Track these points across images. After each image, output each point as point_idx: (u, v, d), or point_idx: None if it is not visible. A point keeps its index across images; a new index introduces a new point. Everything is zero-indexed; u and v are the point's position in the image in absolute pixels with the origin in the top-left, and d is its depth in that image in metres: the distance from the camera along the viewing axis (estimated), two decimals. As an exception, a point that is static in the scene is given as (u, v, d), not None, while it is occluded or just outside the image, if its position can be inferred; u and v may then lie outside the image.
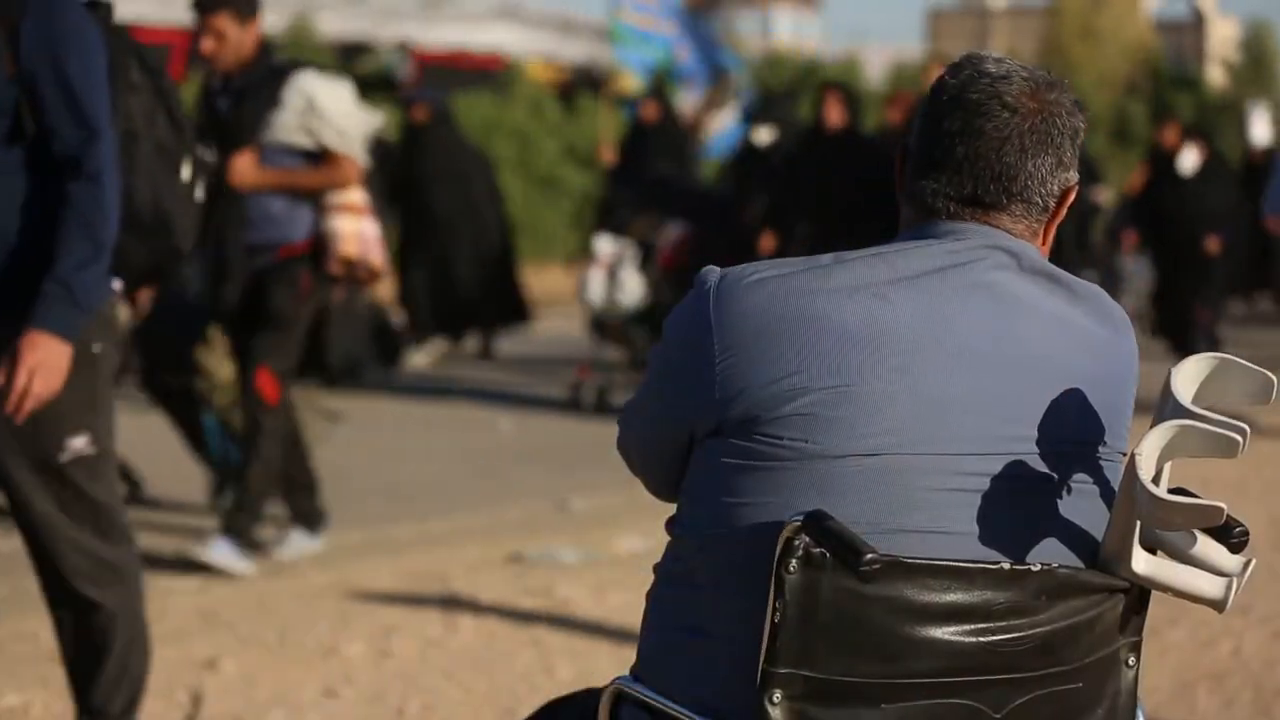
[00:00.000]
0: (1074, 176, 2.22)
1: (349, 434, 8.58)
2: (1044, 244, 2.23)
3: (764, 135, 11.72)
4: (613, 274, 9.80)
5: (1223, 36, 44.80)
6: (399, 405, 9.58)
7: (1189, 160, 12.08)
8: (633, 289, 9.80)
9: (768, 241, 9.61)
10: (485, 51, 23.00)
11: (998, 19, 48.69)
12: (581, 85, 21.19)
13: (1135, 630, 2.17)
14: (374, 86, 17.27)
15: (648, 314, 9.78)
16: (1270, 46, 36.50)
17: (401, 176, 11.85)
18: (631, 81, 12.42)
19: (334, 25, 20.59)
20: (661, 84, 13.43)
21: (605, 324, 10.04)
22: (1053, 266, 2.20)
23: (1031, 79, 2.19)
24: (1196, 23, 46.13)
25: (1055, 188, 2.20)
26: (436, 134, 12.15)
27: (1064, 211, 2.23)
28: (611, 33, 11.74)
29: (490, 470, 7.87)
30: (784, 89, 16.24)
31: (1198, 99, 28.48)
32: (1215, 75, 35.15)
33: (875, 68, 30.81)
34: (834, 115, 9.18)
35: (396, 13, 23.75)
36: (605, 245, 9.99)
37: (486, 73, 20.63)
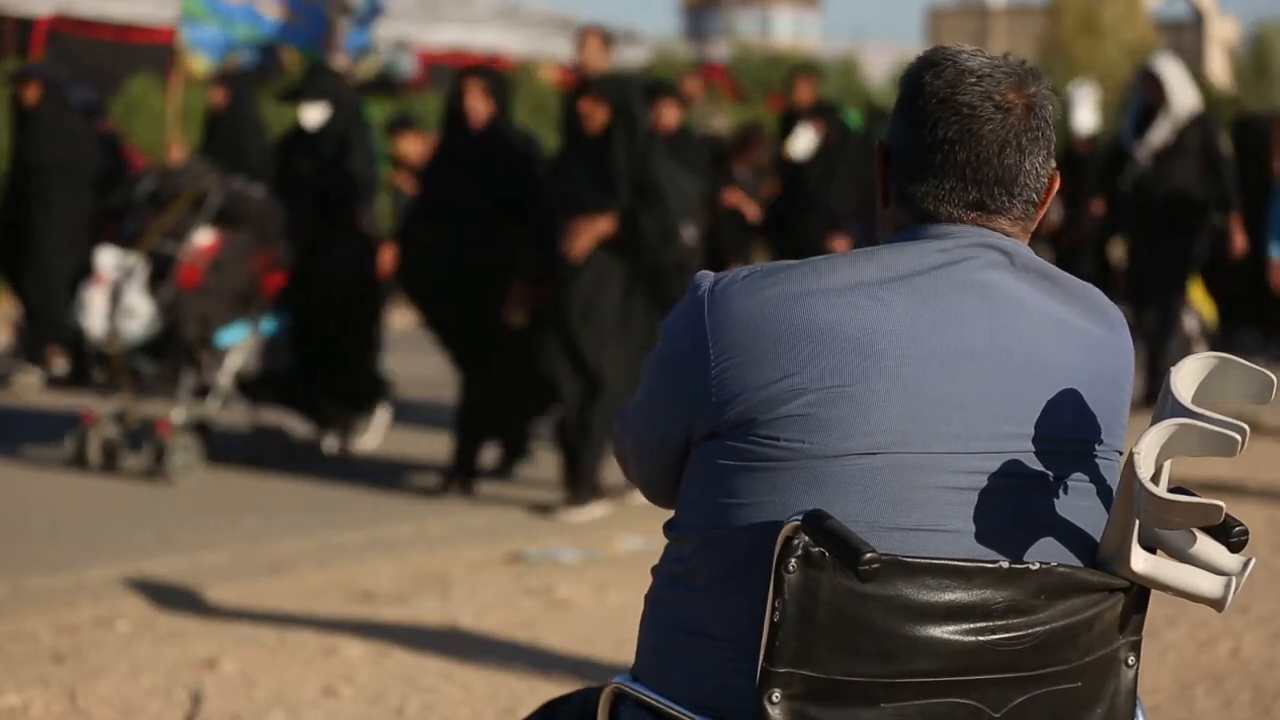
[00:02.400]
0: (1054, 163, 2.23)
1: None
2: (1026, 233, 2.24)
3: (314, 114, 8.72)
4: (116, 295, 7.70)
5: (1223, 36, 44.82)
6: (398, 406, 9.56)
7: (802, 143, 9.95)
8: (141, 313, 7.68)
9: (388, 256, 8.29)
10: (485, 52, 22.99)
11: (997, 18, 48.71)
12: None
13: (1134, 630, 2.17)
14: (374, 86, 17.24)
15: (158, 344, 7.78)
16: (1272, 47, 36.51)
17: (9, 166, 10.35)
18: (201, 63, 10.01)
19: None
20: (236, 67, 10.57)
21: (105, 356, 7.95)
22: (1047, 264, 2.20)
23: (1013, 74, 2.19)
24: (1196, 22, 46.13)
25: (1045, 180, 2.21)
26: (48, 117, 10.41)
27: (1050, 199, 2.24)
28: (183, 7, 9.25)
29: (489, 469, 7.87)
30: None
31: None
32: (1216, 75, 35.14)
33: (875, 67, 30.82)
34: (479, 108, 7.52)
35: (396, 13, 23.74)
36: (107, 259, 7.81)
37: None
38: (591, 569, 6.30)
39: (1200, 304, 11.62)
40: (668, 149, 11.40)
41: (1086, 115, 13.18)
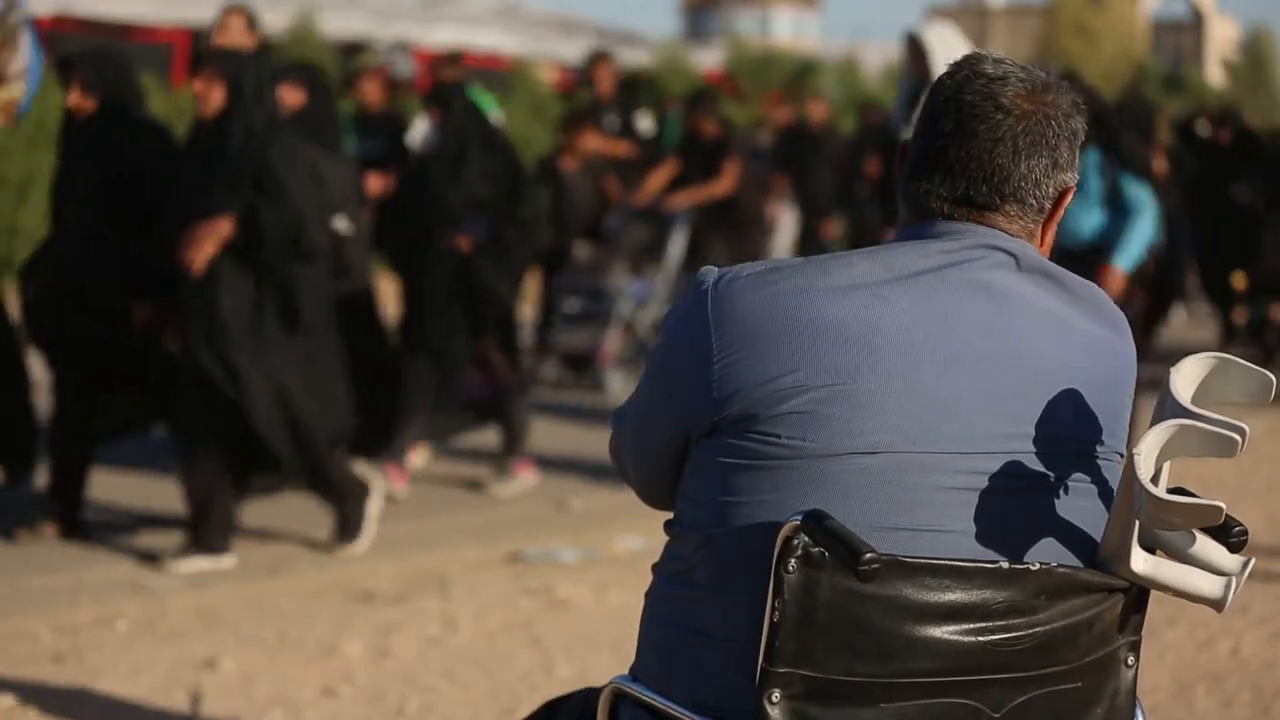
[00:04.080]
0: (1072, 178, 2.22)
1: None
2: (1042, 244, 2.24)
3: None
4: None
5: (1222, 36, 44.81)
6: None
7: (418, 132, 8.64)
8: None
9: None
10: (485, 51, 22.99)
11: (996, 18, 48.70)
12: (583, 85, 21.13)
13: (1134, 630, 2.17)
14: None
15: None
16: (1270, 49, 36.54)
17: None
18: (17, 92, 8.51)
19: (334, 25, 20.58)
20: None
21: None
22: (1052, 266, 2.20)
23: (1029, 80, 2.19)
24: (1195, 23, 46.12)
25: (1050, 189, 2.20)
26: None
27: (1060, 212, 2.23)
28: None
29: (489, 469, 7.87)
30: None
31: (1192, 98, 28.46)
32: (1215, 75, 35.17)
33: (874, 66, 30.81)
34: (290, 98, 6.90)
35: (396, 13, 23.75)
36: None
37: (487, 72, 20.61)
38: (591, 569, 6.30)
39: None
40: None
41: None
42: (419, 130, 8.83)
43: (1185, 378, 2.11)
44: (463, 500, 7.34)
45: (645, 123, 12.22)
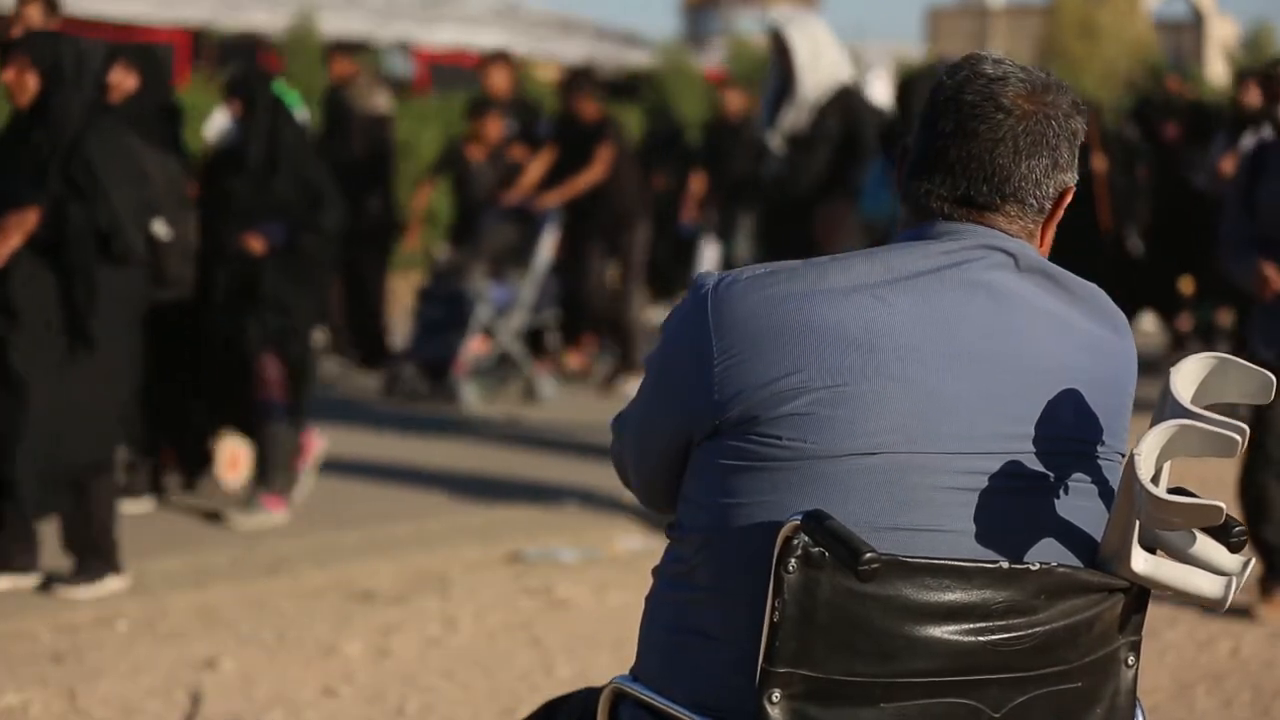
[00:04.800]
0: (1072, 178, 2.22)
1: (348, 434, 8.58)
2: (1042, 245, 2.24)
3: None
4: None
5: (1222, 36, 44.80)
6: (396, 404, 9.56)
7: (215, 126, 7.78)
8: None
9: None
10: (485, 51, 23.02)
11: (997, 18, 48.69)
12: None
13: (1134, 630, 2.17)
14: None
15: None
16: (1271, 44, 36.53)
17: None
18: None
19: (334, 25, 20.59)
20: None
21: None
22: (1052, 266, 2.20)
23: (1029, 80, 2.19)
24: (1196, 22, 46.13)
25: (1050, 189, 2.20)
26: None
27: (1060, 213, 2.24)
28: None
29: (489, 469, 7.87)
30: None
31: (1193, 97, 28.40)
32: (1216, 74, 35.15)
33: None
34: (122, 82, 6.40)
35: (396, 13, 23.75)
36: None
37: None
38: (591, 569, 6.30)
39: None
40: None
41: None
42: (216, 123, 7.78)
43: (1185, 378, 2.11)
44: (463, 500, 7.34)
45: (546, 129, 10.90)
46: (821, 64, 7.58)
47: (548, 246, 9.93)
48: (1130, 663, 2.18)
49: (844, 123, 7.55)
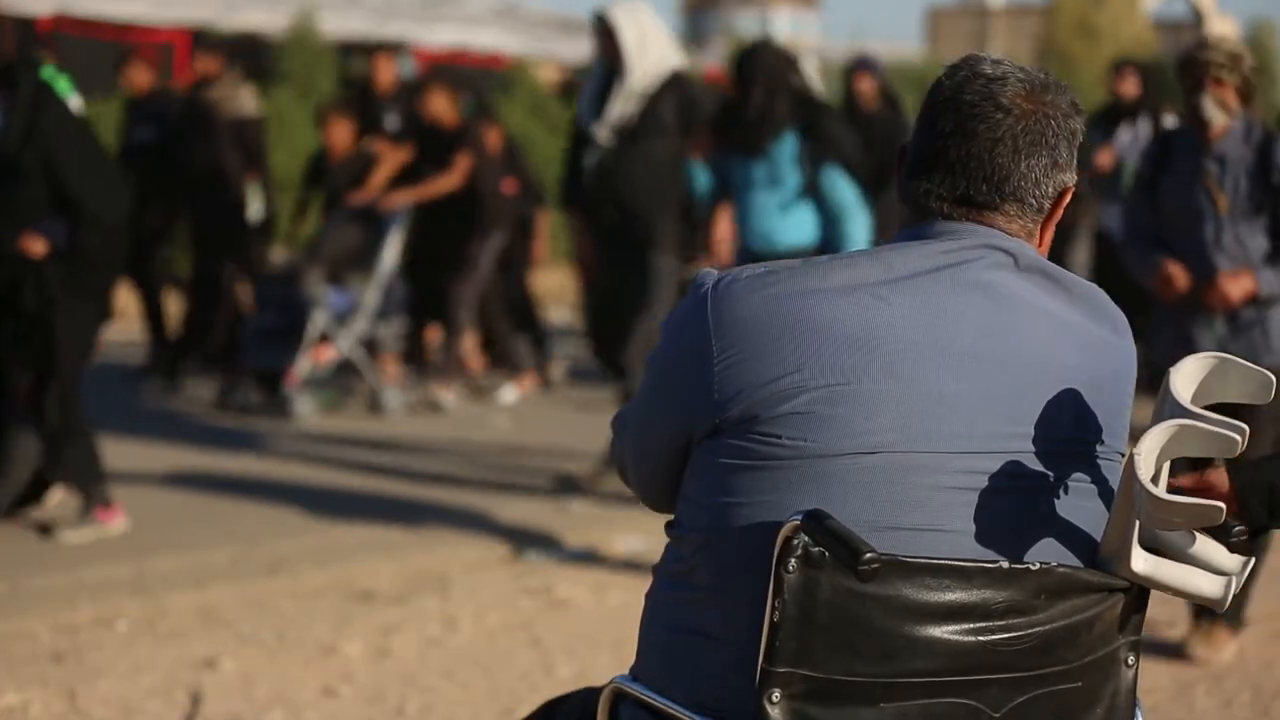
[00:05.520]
0: (1071, 178, 2.22)
1: (347, 434, 8.58)
2: (1041, 244, 2.24)
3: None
4: None
5: (1222, 36, 44.82)
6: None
7: None
8: None
9: None
10: (485, 51, 22.99)
11: (997, 18, 48.68)
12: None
13: (1134, 630, 2.17)
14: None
15: None
16: (1271, 46, 36.51)
17: None
18: None
19: (334, 25, 20.58)
20: None
21: None
22: (1052, 265, 2.21)
23: (1028, 80, 2.19)
24: (1196, 22, 46.16)
25: (1050, 189, 2.21)
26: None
27: (1060, 212, 2.24)
28: None
29: (489, 469, 7.87)
30: None
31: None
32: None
33: (874, 67, 30.75)
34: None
35: (396, 13, 23.74)
36: None
37: (487, 72, 20.62)
38: (591, 569, 6.30)
39: None
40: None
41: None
42: None
43: (1185, 378, 2.11)
44: (463, 500, 7.34)
45: (394, 124, 10.30)
46: (649, 51, 7.20)
47: (393, 250, 9.37)
48: (1130, 663, 2.18)
49: (679, 111, 7.18)
